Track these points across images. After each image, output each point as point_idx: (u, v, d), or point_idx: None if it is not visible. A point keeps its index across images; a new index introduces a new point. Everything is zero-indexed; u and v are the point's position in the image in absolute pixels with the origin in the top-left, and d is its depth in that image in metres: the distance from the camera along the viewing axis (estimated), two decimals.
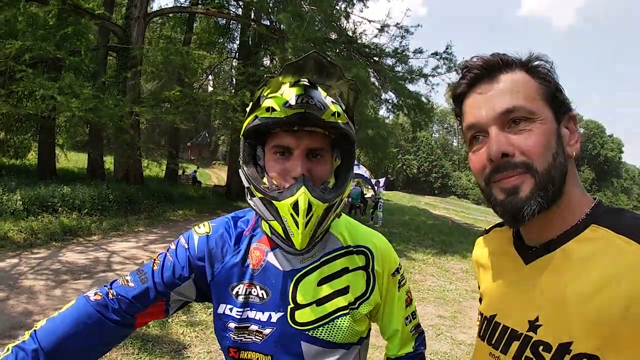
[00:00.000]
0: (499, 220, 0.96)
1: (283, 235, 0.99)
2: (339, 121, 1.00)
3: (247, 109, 1.05)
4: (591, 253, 0.78)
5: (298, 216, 0.95)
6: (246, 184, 1.04)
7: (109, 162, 18.29)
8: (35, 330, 1.00)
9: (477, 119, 0.87)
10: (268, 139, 1.04)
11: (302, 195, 0.94)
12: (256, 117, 0.99)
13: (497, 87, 0.85)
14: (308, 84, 0.95)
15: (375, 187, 17.50)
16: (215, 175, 36.72)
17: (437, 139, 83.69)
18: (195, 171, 29.15)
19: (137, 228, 11.11)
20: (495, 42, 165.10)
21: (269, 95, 0.98)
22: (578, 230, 0.82)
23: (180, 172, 25.46)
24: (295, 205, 0.95)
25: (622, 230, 0.77)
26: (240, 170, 1.07)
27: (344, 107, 1.04)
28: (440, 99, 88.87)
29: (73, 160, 22.94)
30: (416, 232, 15.59)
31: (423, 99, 17.78)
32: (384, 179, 18.60)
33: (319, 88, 0.99)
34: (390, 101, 18.95)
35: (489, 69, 0.87)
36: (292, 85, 0.95)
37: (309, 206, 0.95)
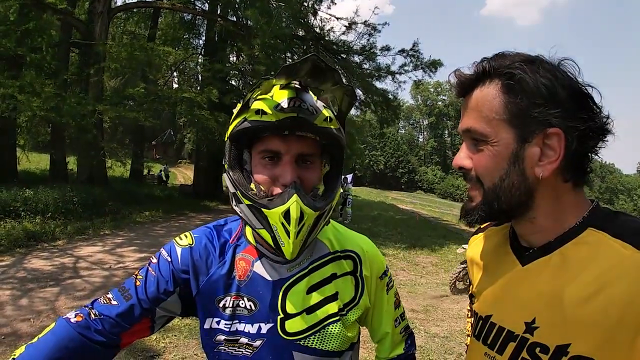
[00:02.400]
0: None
1: (272, 245, 0.96)
2: (331, 127, 0.98)
3: (234, 111, 1.00)
4: (588, 256, 0.80)
5: (289, 225, 0.91)
6: (232, 190, 1.00)
7: (72, 162, 17.69)
8: (14, 359, 0.94)
9: (458, 129, 0.93)
10: (256, 143, 1.00)
11: (294, 204, 0.91)
12: (245, 119, 0.95)
13: (467, 104, 0.89)
14: (299, 86, 0.93)
15: (343, 184, 17.59)
16: (182, 175, 36.14)
17: (403, 134, 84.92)
18: (165, 170, 28.69)
19: (102, 231, 10.76)
20: (461, 40, 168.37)
21: (258, 97, 0.94)
22: (575, 234, 0.83)
23: (145, 171, 24.96)
24: (286, 214, 0.91)
25: (618, 234, 0.78)
26: (225, 175, 1.03)
27: (335, 112, 1.02)
28: (407, 96, 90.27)
29: (34, 161, 21.98)
30: (385, 227, 15.79)
31: (390, 96, 18.02)
32: (351, 175, 18.69)
33: (310, 92, 0.97)
34: (357, 98, 19.06)
35: (464, 87, 0.90)
36: (282, 88, 0.93)
37: (301, 215, 0.92)
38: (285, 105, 0.90)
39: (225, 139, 1.03)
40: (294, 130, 0.95)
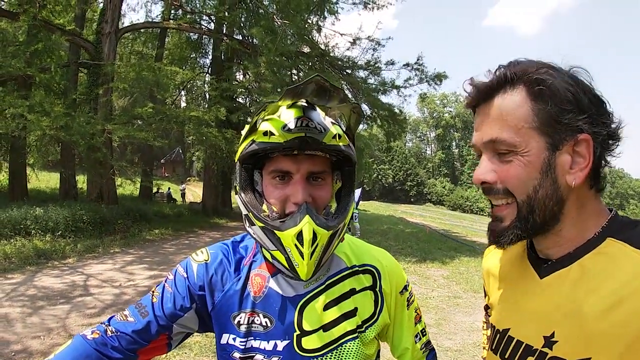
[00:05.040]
0: (474, 224, 0.94)
1: (287, 266, 0.95)
2: (340, 144, 0.96)
3: (242, 132, 0.99)
4: (607, 268, 0.77)
5: (303, 247, 0.90)
6: (244, 212, 0.99)
7: (81, 181, 17.89)
8: None
9: (474, 142, 0.89)
10: (266, 163, 0.99)
11: (307, 225, 0.90)
12: (253, 141, 0.94)
13: (488, 113, 0.84)
14: (306, 104, 0.93)
15: None
16: (191, 192, 36.24)
17: (410, 147, 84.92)
18: (183, 190, 29.13)
19: (112, 249, 10.84)
20: (464, 51, 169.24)
21: (266, 118, 0.93)
22: (594, 244, 0.81)
23: (154, 189, 25.12)
24: (299, 236, 0.90)
25: (638, 244, 0.76)
26: (237, 197, 1.02)
27: (344, 128, 1.01)
28: (413, 109, 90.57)
29: (44, 180, 22.32)
30: (395, 240, 15.67)
31: (396, 109, 18.04)
32: (359, 190, 18.61)
33: (318, 109, 0.96)
34: (364, 114, 19.11)
35: (482, 94, 0.85)
36: (290, 107, 0.92)
37: (314, 236, 0.90)
38: (292, 125, 0.90)
39: (235, 160, 1.03)
40: (303, 149, 0.94)
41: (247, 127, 0.98)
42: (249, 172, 1.02)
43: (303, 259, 0.91)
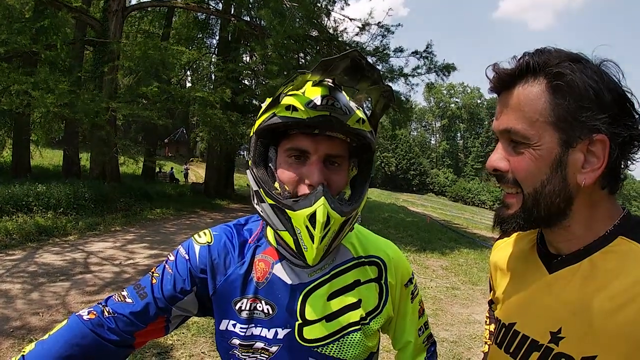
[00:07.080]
0: (475, 216, 0.92)
1: (294, 248, 0.91)
2: (363, 129, 0.94)
3: (263, 105, 0.95)
4: (617, 266, 0.77)
5: (314, 229, 0.87)
6: (254, 187, 0.95)
7: (84, 159, 17.93)
8: (23, 356, 0.92)
9: (493, 128, 0.89)
10: (283, 140, 0.96)
11: (322, 207, 0.86)
12: (274, 114, 0.90)
13: (507, 102, 0.83)
14: (332, 85, 0.90)
15: None
16: (193, 173, 36.33)
17: (415, 137, 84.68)
18: (186, 170, 29.25)
19: (114, 227, 10.89)
20: (474, 43, 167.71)
21: (289, 93, 0.90)
22: (605, 242, 0.80)
23: (157, 169, 25.18)
24: (312, 217, 0.87)
25: None
26: (248, 172, 0.99)
27: (368, 114, 0.98)
28: (419, 98, 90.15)
29: (48, 157, 22.41)
30: (395, 229, 15.68)
31: (402, 98, 17.92)
32: None
33: (343, 91, 0.93)
34: (394, 100, 18.93)
35: (503, 82, 0.84)
36: (315, 85, 0.89)
37: (327, 219, 0.87)
38: (318, 102, 0.87)
39: (251, 133, 1.00)
40: (325, 129, 0.91)
41: (268, 100, 0.94)
42: (264, 148, 0.98)
43: (313, 242, 0.88)
